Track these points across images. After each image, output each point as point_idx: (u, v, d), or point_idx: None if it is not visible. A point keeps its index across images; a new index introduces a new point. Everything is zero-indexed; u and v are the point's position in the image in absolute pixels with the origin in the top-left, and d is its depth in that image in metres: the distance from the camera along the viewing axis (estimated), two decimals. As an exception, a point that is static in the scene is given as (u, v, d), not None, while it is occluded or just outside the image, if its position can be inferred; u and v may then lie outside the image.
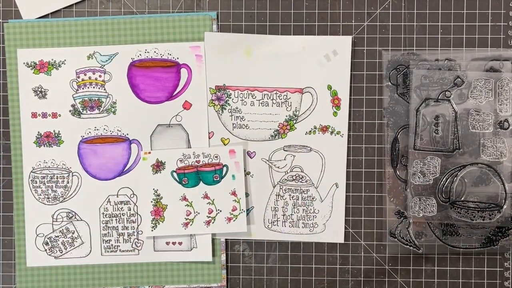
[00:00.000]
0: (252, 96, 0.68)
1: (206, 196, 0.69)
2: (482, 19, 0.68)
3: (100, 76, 0.69)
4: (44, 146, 0.69)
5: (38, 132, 0.69)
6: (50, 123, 0.69)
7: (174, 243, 0.69)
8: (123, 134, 0.69)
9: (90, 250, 0.70)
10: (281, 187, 0.69)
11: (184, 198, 0.69)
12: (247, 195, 0.69)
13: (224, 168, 0.68)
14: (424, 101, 0.67)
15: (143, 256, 0.69)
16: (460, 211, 0.67)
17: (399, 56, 0.67)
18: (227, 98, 0.69)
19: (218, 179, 0.69)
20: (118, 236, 0.69)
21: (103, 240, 0.69)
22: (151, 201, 0.69)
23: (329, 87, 0.68)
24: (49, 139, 0.69)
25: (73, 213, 0.69)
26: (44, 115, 0.69)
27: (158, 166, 0.68)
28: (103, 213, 0.69)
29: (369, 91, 0.68)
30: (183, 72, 0.69)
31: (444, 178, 0.67)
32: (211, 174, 0.68)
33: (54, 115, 0.69)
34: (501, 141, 0.67)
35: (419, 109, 0.67)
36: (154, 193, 0.69)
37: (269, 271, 0.69)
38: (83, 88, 0.69)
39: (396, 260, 0.69)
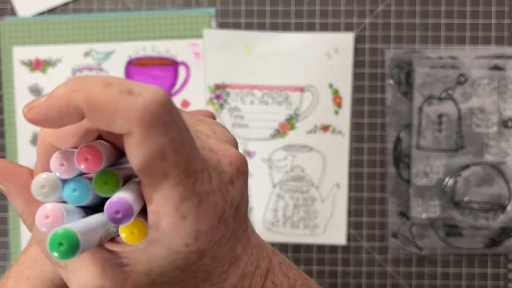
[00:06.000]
0: (251, 94, 0.68)
1: (204, 197, 0.68)
2: (485, 17, 0.67)
3: (97, 74, 0.68)
4: (40, 145, 0.68)
5: (34, 131, 0.68)
6: (46, 122, 0.68)
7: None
8: (120, 133, 0.68)
9: (87, 252, 0.69)
10: (281, 187, 0.68)
11: (183, 199, 0.68)
12: (246, 195, 0.68)
13: (223, 168, 0.68)
14: (427, 100, 0.66)
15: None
16: (464, 211, 0.66)
17: (402, 54, 0.67)
18: (226, 97, 0.68)
19: (217, 179, 0.68)
20: (115, 237, 0.69)
21: (100, 241, 0.69)
22: (149, 202, 0.68)
23: (330, 86, 0.68)
24: (45, 139, 0.68)
25: (70, 214, 0.69)
26: (40, 114, 0.68)
27: (156, 166, 0.68)
28: (100, 214, 0.69)
29: (371, 90, 0.68)
30: (182, 70, 0.68)
31: (447, 178, 0.66)
32: (210, 174, 0.68)
33: (50, 114, 0.68)
34: (505, 140, 0.66)
35: (422, 108, 0.66)
36: (152, 194, 0.68)
37: (269, 273, 0.69)
38: (79, 87, 0.68)
39: (398, 261, 0.68)
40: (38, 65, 0.68)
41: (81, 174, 0.21)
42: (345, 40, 0.67)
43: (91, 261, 0.22)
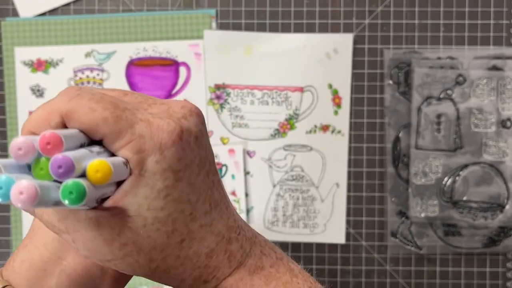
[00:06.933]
0: (252, 95, 0.68)
1: (205, 196, 0.68)
2: (484, 17, 0.67)
3: (98, 74, 0.68)
4: (41, 145, 0.69)
5: (36, 131, 0.68)
6: (47, 122, 0.68)
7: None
8: (121, 133, 0.68)
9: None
10: (281, 187, 0.69)
11: (183, 198, 0.68)
12: (246, 195, 0.69)
13: (224, 168, 0.68)
14: (426, 100, 0.66)
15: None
16: (462, 211, 0.66)
17: (401, 54, 0.67)
18: (226, 97, 0.68)
19: (218, 178, 0.68)
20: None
21: (101, 241, 0.69)
22: (150, 201, 0.68)
23: (330, 86, 0.68)
24: (46, 139, 0.69)
25: (71, 213, 0.69)
26: (42, 114, 0.68)
27: (157, 166, 0.68)
28: (101, 213, 0.69)
29: (370, 90, 0.68)
30: (182, 70, 0.68)
31: (446, 178, 0.66)
32: (210, 173, 0.68)
33: (52, 114, 0.68)
34: (503, 140, 0.66)
35: (420, 108, 0.66)
36: (152, 193, 0.68)
37: (269, 271, 0.69)
38: (80, 87, 0.68)
39: (397, 260, 0.68)
40: (39, 66, 0.68)
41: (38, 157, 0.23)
42: (344, 41, 0.67)
43: (87, 220, 0.25)
